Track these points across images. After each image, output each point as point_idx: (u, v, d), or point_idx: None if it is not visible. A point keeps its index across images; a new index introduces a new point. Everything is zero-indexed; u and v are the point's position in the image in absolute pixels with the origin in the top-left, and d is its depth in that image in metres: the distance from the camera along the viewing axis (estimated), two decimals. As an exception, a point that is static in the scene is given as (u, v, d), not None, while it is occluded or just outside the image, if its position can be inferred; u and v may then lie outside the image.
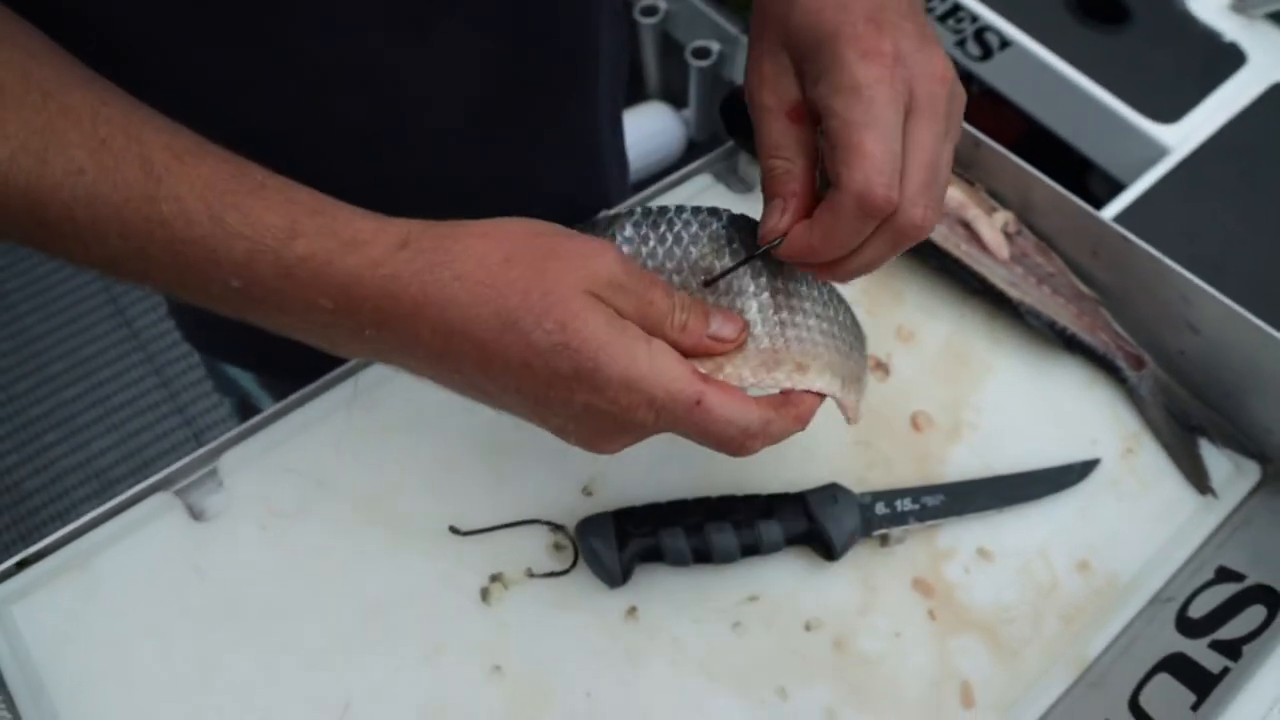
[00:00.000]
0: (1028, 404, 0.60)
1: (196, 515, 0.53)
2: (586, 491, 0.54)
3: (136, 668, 0.48)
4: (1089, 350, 0.60)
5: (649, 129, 1.86)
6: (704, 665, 0.50)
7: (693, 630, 0.51)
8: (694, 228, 0.40)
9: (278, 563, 0.51)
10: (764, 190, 0.39)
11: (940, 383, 0.60)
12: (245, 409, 0.79)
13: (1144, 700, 0.47)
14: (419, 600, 0.51)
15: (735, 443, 0.37)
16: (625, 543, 0.49)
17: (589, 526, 0.50)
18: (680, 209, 0.41)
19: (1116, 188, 1.11)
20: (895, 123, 0.35)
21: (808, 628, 0.51)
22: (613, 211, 0.42)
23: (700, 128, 1.92)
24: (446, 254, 0.35)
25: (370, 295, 0.35)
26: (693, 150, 1.91)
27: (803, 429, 0.40)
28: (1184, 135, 1.10)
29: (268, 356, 0.72)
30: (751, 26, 0.41)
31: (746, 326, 0.39)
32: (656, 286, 0.37)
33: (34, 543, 0.51)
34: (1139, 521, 0.56)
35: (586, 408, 0.35)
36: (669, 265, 0.40)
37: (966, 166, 0.66)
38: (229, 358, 0.74)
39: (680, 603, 0.51)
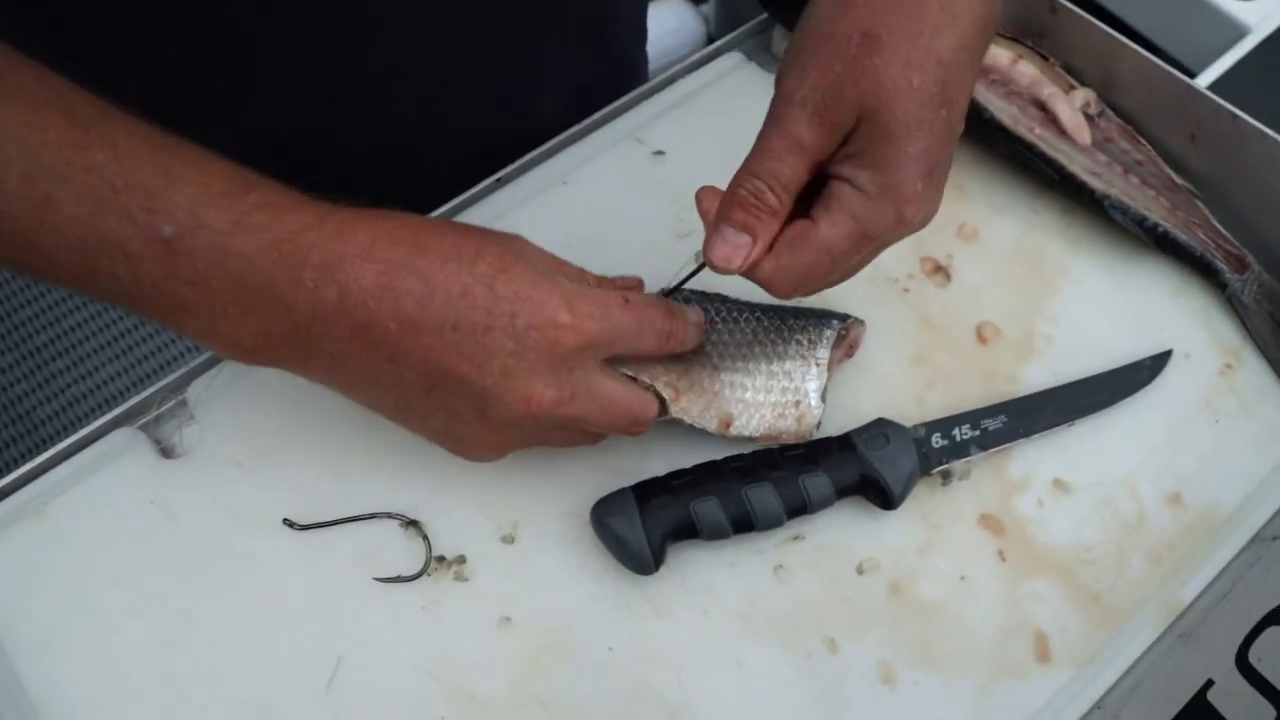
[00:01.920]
0: (1111, 313, 0.52)
1: (166, 452, 0.47)
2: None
3: (103, 623, 0.43)
4: (1183, 250, 0.52)
5: (664, 28, 1.74)
6: (741, 614, 0.44)
7: (728, 575, 0.45)
8: None
9: (257, 504, 0.46)
10: (740, 205, 0.37)
11: (1009, 289, 0.53)
12: None
13: (1255, 657, 0.40)
14: (415, 543, 0.45)
15: (664, 328, 0.40)
16: (652, 521, 0.42)
17: (606, 507, 0.44)
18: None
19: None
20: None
21: (860, 571, 0.45)
22: None
23: (721, 24, 1.80)
24: (383, 213, 0.37)
25: (322, 239, 0.35)
26: (713, 49, 1.79)
27: (701, 320, 0.44)
28: (1265, 12, 0.99)
29: None
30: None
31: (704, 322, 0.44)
32: (568, 264, 0.41)
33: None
34: (1239, 448, 0.49)
35: (535, 328, 0.36)
36: None
37: (1040, 37, 0.57)
38: None
39: (713, 544, 0.45)
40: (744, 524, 0.43)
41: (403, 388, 0.38)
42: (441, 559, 0.45)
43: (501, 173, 0.54)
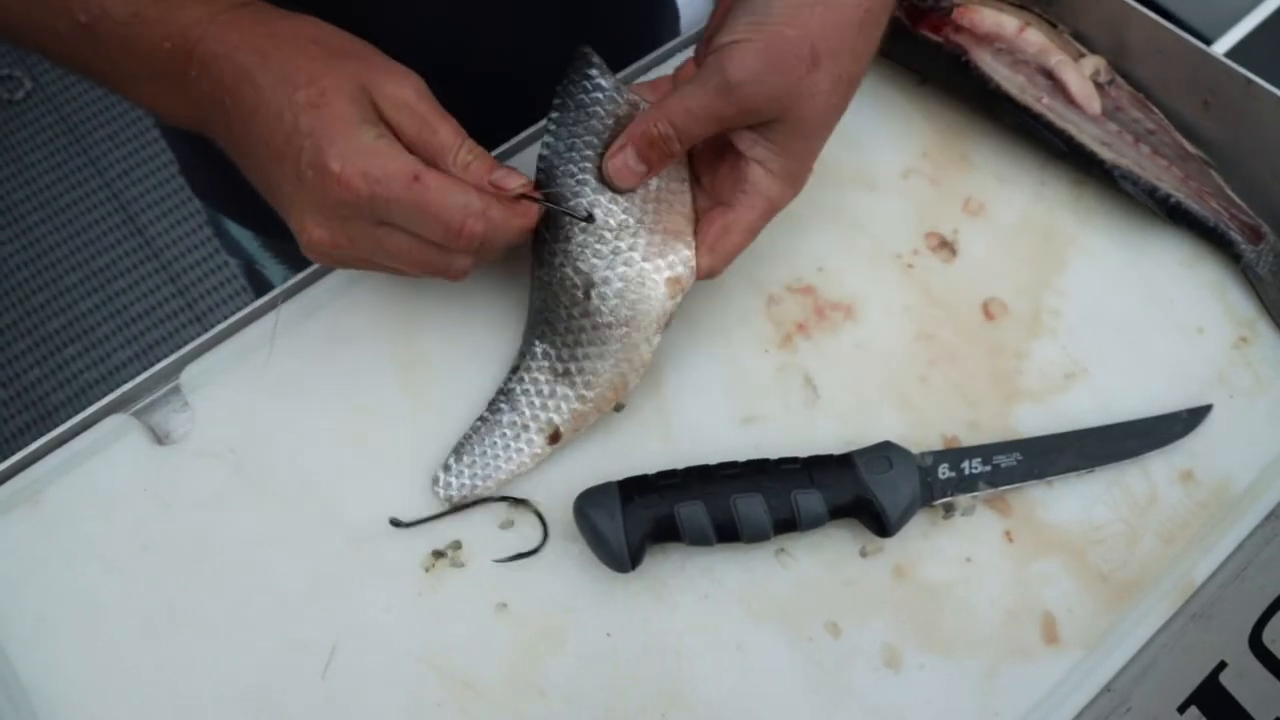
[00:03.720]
0: (1122, 286, 0.51)
1: (160, 439, 0.47)
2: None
3: (96, 611, 0.43)
4: (1196, 220, 0.50)
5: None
6: (742, 599, 0.43)
7: (728, 559, 0.44)
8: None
9: (251, 491, 0.45)
10: (650, 142, 0.42)
11: (1017, 263, 0.51)
12: (250, 274, 0.76)
13: (1270, 639, 0.39)
14: (412, 531, 0.44)
15: (456, 223, 0.39)
16: (634, 519, 0.41)
17: (589, 499, 0.43)
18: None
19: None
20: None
21: (863, 554, 0.44)
22: None
23: (728, -1, 1.77)
24: (273, 18, 0.40)
25: (201, 38, 0.39)
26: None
27: (528, 226, 0.42)
28: (1284, -24, 0.96)
29: (267, 216, 0.66)
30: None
31: (526, 183, 0.42)
32: (447, 122, 0.40)
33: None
34: (1253, 423, 0.47)
35: (311, 168, 0.38)
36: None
37: (1048, 3, 0.55)
38: (231, 213, 0.70)
39: (712, 528, 0.44)
40: (729, 533, 0.42)
41: (250, 146, 0.40)
42: (438, 552, 0.44)
43: (497, 151, 0.53)
